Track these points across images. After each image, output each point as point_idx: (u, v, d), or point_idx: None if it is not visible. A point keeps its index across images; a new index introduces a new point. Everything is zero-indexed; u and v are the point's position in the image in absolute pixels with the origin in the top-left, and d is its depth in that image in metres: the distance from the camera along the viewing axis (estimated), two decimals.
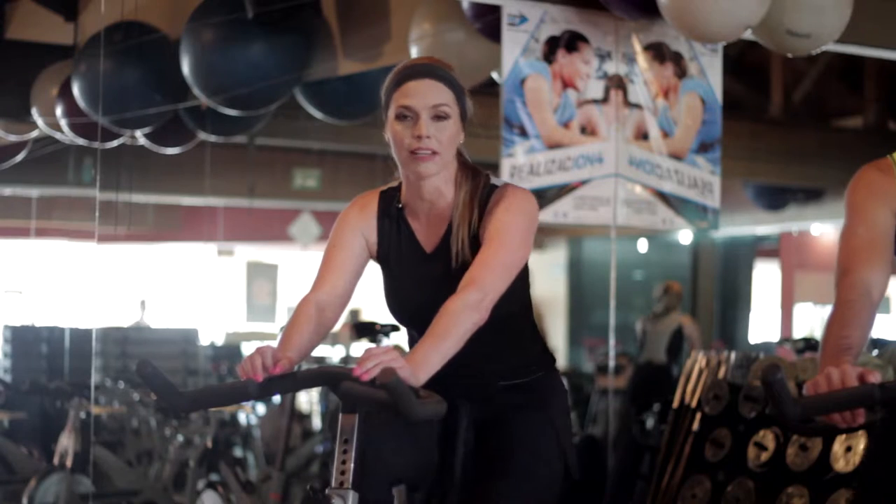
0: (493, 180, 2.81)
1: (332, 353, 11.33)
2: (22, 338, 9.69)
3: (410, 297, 2.81)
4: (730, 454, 4.86)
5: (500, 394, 2.83)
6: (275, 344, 2.63)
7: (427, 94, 2.71)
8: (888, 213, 2.56)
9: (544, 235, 15.69)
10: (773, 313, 16.45)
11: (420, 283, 2.80)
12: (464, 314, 2.56)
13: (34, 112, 7.85)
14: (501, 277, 2.66)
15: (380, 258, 2.86)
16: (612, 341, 6.54)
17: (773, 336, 15.39)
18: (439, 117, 2.71)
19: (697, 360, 5.24)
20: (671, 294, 10.20)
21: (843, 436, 4.35)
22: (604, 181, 5.75)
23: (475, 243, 2.73)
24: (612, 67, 5.74)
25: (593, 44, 5.70)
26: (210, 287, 15.98)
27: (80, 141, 7.89)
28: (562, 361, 15.28)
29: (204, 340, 11.56)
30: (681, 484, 4.98)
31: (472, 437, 2.80)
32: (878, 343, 4.62)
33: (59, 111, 7.56)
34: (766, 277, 16.90)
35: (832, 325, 2.41)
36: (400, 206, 2.84)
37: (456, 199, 2.78)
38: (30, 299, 14.41)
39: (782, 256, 16.21)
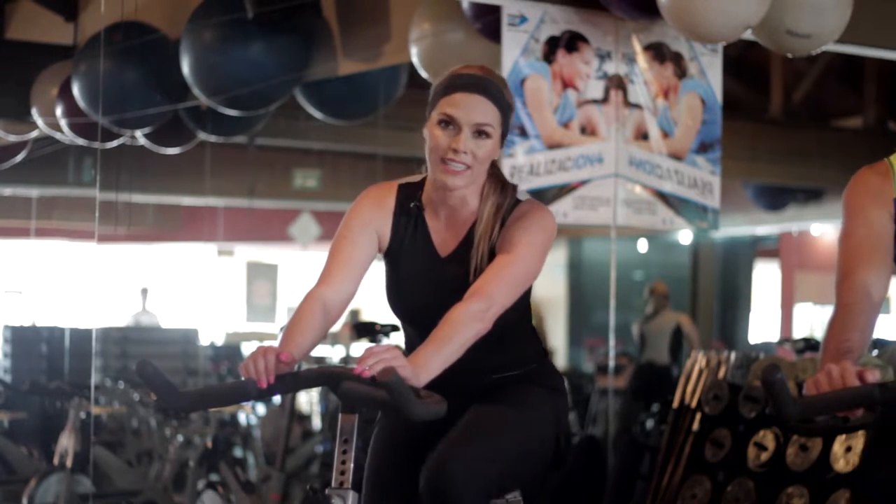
0: (519, 194, 2.80)
1: (332, 353, 11.32)
2: (22, 338, 9.70)
3: (417, 298, 2.80)
4: (730, 454, 4.86)
5: (494, 384, 2.84)
6: (275, 344, 2.62)
7: (473, 111, 2.69)
8: (886, 215, 2.56)
9: None
10: (773, 313, 16.44)
11: (430, 285, 2.78)
12: (469, 324, 2.57)
13: (34, 112, 7.84)
14: (509, 291, 2.66)
15: (389, 254, 2.83)
16: (612, 341, 6.54)
17: (773, 336, 15.37)
18: (480, 134, 2.70)
19: (697, 360, 5.25)
20: (657, 295, 10.32)
21: (843, 436, 4.35)
22: (604, 181, 5.74)
23: (493, 256, 2.72)
24: (612, 67, 5.74)
25: (593, 44, 5.69)
26: (210, 287, 15.96)
27: (80, 141, 7.88)
28: (562, 361, 15.28)
29: (204, 340, 11.56)
30: (681, 484, 4.98)
31: None
32: (878, 343, 4.61)
33: (59, 111, 7.56)
34: (765, 277, 16.89)
35: (832, 328, 2.42)
36: (420, 205, 2.82)
37: (480, 210, 2.77)
38: (30, 299, 14.39)
39: (782, 256, 16.20)
